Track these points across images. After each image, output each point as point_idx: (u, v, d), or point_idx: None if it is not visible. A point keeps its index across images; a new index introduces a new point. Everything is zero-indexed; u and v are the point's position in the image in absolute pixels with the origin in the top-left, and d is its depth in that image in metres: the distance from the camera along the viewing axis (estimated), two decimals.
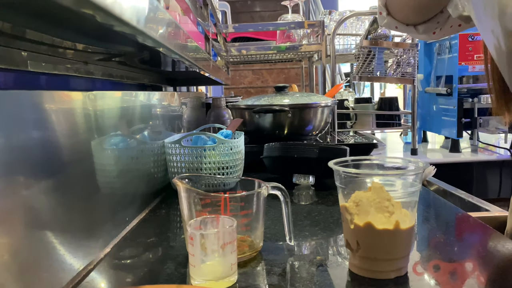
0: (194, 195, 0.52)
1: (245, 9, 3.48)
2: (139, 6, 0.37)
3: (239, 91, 3.36)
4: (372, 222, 0.46)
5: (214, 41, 1.38)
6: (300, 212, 0.74)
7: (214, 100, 1.40)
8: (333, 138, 1.53)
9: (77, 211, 0.53)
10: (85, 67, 0.66)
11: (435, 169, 1.18)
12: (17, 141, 0.41)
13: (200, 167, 0.86)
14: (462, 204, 1.10)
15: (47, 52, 0.53)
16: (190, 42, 0.68)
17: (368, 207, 0.46)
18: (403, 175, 0.49)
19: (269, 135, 1.24)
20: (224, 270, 0.46)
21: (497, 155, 1.90)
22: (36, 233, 0.44)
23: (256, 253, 0.55)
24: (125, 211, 0.69)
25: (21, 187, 0.41)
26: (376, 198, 0.46)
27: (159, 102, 0.93)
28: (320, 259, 0.53)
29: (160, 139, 0.90)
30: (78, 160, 0.54)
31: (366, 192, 0.47)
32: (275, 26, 1.73)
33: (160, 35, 0.45)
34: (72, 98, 0.53)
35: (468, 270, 0.50)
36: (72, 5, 0.28)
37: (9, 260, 0.39)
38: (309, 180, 0.92)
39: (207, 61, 0.96)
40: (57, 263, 0.47)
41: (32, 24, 0.40)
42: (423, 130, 2.30)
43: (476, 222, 0.66)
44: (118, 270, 0.53)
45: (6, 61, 0.46)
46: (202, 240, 0.45)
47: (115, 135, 0.66)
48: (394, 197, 0.47)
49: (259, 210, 0.54)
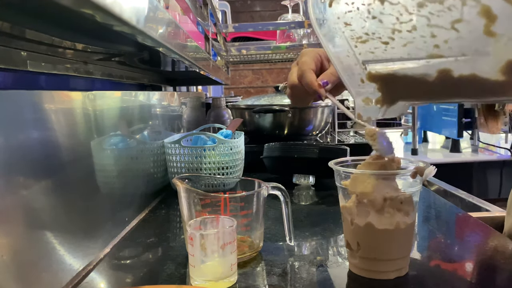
0: (194, 195, 0.52)
1: (245, 9, 3.48)
2: (139, 6, 0.37)
3: (239, 91, 3.36)
4: (372, 223, 0.46)
5: (214, 41, 1.38)
6: (300, 212, 0.74)
7: (214, 100, 1.40)
8: (333, 138, 1.52)
9: (76, 211, 0.53)
10: (85, 67, 0.66)
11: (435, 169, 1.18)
12: (16, 141, 0.41)
13: (200, 167, 0.85)
14: (463, 204, 1.09)
15: (46, 52, 0.53)
16: (190, 41, 0.67)
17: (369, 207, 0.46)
18: (403, 175, 0.49)
19: (269, 135, 1.24)
20: (224, 271, 0.46)
21: (498, 155, 1.90)
22: (35, 233, 0.44)
23: (256, 254, 0.54)
24: (125, 211, 0.69)
25: (20, 187, 0.41)
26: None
27: (158, 102, 0.93)
28: (320, 260, 0.53)
29: (159, 139, 0.90)
30: (77, 160, 0.54)
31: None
32: (275, 26, 1.73)
33: (160, 34, 0.45)
34: (71, 98, 0.53)
35: (468, 270, 0.50)
36: (72, 5, 0.28)
37: (8, 260, 0.39)
38: (309, 180, 0.92)
39: (207, 61, 0.96)
40: (57, 264, 0.47)
41: (32, 24, 0.40)
42: (423, 130, 2.30)
43: (476, 222, 0.66)
44: (117, 270, 0.53)
45: (5, 61, 0.46)
46: (202, 241, 0.45)
47: (115, 135, 0.66)
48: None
49: (259, 210, 0.54)
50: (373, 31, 0.38)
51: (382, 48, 0.38)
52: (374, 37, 0.38)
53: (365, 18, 0.38)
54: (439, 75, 0.36)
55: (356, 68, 0.42)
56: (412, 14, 0.35)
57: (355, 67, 0.42)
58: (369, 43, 0.39)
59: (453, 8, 0.33)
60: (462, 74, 0.35)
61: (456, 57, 0.34)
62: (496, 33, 0.31)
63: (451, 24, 0.33)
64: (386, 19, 0.37)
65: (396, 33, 0.37)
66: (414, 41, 0.36)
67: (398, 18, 0.36)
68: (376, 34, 0.38)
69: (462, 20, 0.32)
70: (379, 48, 0.38)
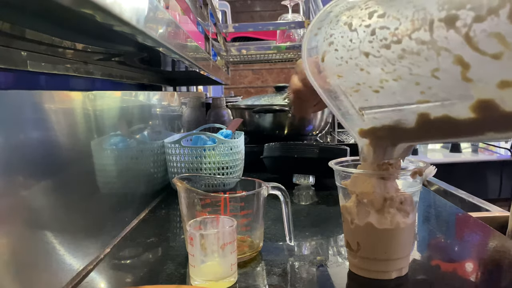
0: (194, 195, 0.52)
1: (245, 9, 3.48)
2: (139, 6, 0.37)
3: (239, 91, 3.36)
4: (372, 222, 0.46)
5: (214, 41, 1.38)
6: (300, 212, 0.74)
7: (214, 100, 1.40)
8: (333, 138, 1.52)
9: (76, 211, 0.53)
10: (85, 67, 0.66)
11: (435, 169, 1.18)
12: (16, 141, 0.41)
13: (200, 167, 0.85)
14: (463, 204, 1.09)
15: (46, 52, 0.53)
16: (190, 41, 0.67)
17: (369, 207, 0.46)
18: (403, 175, 0.49)
19: (269, 135, 1.24)
20: (224, 271, 0.46)
21: (498, 155, 1.90)
22: (35, 233, 0.44)
23: (256, 253, 0.54)
24: (125, 211, 0.69)
25: (20, 187, 0.41)
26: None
27: (158, 102, 0.93)
28: (320, 260, 0.53)
29: (159, 139, 0.90)
30: (77, 160, 0.54)
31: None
32: (275, 26, 1.73)
33: (160, 34, 0.45)
34: (71, 98, 0.53)
35: (468, 270, 0.50)
36: (72, 5, 0.28)
37: (8, 260, 0.39)
38: (309, 180, 0.92)
39: (207, 61, 0.96)
40: (57, 263, 0.47)
41: (32, 24, 0.40)
42: None
43: (476, 222, 0.66)
44: (117, 270, 0.53)
45: (5, 61, 0.46)
46: (202, 240, 0.45)
47: (115, 135, 0.66)
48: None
49: (259, 210, 0.54)
50: (363, 81, 0.40)
51: (375, 96, 0.40)
52: (365, 87, 0.40)
53: (354, 71, 0.40)
54: (418, 118, 0.38)
55: (355, 114, 0.44)
56: (395, 65, 0.37)
57: (354, 113, 0.44)
58: (362, 92, 0.41)
59: (430, 59, 0.34)
60: (436, 116, 0.37)
61: (442, 101, 0.36)
62: (472, 79, 0.33)
63: (431, 72, 0.35)
64: (373, 70, 0.39)
65: (384, 82, 0.39)
66: (401, 89, 0.38)
67: (383, 69, 0.38)
68: (367, 84, 0.40)
69: (440, 69, 0.34)
70: (372, 96, 0.41)
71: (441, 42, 0.33)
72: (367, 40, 0.38)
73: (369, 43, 0.38)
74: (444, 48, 0.33)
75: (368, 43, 0.38)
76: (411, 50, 0.35)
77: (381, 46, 0.37)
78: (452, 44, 0.32)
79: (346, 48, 0.40)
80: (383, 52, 0.37)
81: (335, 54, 0.42)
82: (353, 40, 0.39)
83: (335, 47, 0.41)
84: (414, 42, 0.35)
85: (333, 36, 0.42)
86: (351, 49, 0.40)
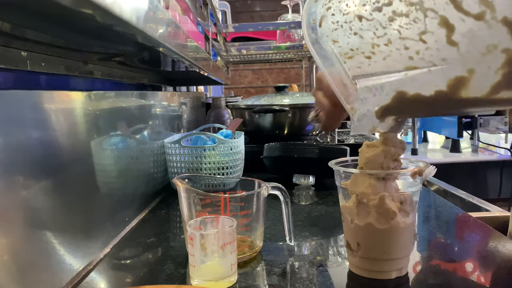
0: (194, 195, 0.52)
1: (245, 9, 3.48)
2: (139, 6, 0.37)
3: (239, 91, 3.36)
4: (372, 222, 0.46)
5: (214, 41, 1.38)
6: (300, 212, 0.74)
7: (214, 100, 1.40)
8: (333, 138, 1.52)
9: (76, 211, 0.53)
10: (85, 67, 0.66)
11: (435, 169, 1.18)
12: (16, 141, 0.41)
13: (200, 167, 0.85)
14: (463, 204, 1.09)
15: (46, 52, 0.53)
16: (190, 41, 0.67)
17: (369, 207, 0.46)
18: (403, 175, 0.49)
19: (269, 135, 1.24)
20: (224, 271, 0.46)
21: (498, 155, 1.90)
22: (35, 233, 0.44)
23: (256, 253, 0.54)
24: (125, 211, 0.69)
25: (20, 187, 0.41)
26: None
27: (158, 102, 0.93)
28: (320, 260, 0.53)
29: (159, 139, 0.90)
30: (77, 160, 0.54)
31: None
32: (275, 26, 1.73)
33: (160, 34, 0.45)
34: (71, 98, 0.53)
35: (468, 270, 0.50)
36: (72, 5, 0.28)
37: (8, 260, 0.39)
38: (309, 180, 0.92)
39: (207, 61, 0.96)
40: (57, 264, 0.47)
41: (32, 24, 0.40)
42: (423, 130, 2.30)
43: (476, 222, 0.66)
44: (117, 270, 0.53)
45: (5, 61, 0.46)
46: (202, 240, 0.45)
47: (115, 135, 0.66)
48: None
49: (259, 210, 0.54)
50: (356, 46, 0.42)
51: (367, 63, 0.42)
52: (358, 52, 0.42)
53: (348, 35, 0.42)
54: (399, 94, 0.40)
55: (348, 83, 0.45)
56: (386, 28, 0.39)
57: (348, 82, 0.45)
58: (355, 59, 0.42)
59: (418, 20, 0.36)
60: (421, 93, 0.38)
61: (428, 67, 0.37)
62: (457, 42, 0.34)
63: (418, 35, 0.36)
64: (366, 34, 0.40)
65: (376, 47, 0.40)
66: (392, 54, 0.39)
67: (375, 33, 0.39)
68: (360, 49, 0.41)
69: (427, 31, 0.36)
70: (364, 63, 0.42)
71: (427, 2, 0.35)
72: (361, 3, 0.40)
73: (362, 6, 0.40)
74: (430, 9, 0.35)
75: (362, 6, 0.40)
76: (400, 12, 0.37)
77: (374, 9, 0.39)
78: (438, 5, 0.34)
79: (342, 12, 0.42)
80: (375, 15, 0.39)
81: (331, 19, 0.43)
82: (348, 4, 0.41)
83: (332, 11, 0.43)
84: (403, 4, 0.37)
85: (331, 1, 0.43)
86: (346, 13, 0.42)
